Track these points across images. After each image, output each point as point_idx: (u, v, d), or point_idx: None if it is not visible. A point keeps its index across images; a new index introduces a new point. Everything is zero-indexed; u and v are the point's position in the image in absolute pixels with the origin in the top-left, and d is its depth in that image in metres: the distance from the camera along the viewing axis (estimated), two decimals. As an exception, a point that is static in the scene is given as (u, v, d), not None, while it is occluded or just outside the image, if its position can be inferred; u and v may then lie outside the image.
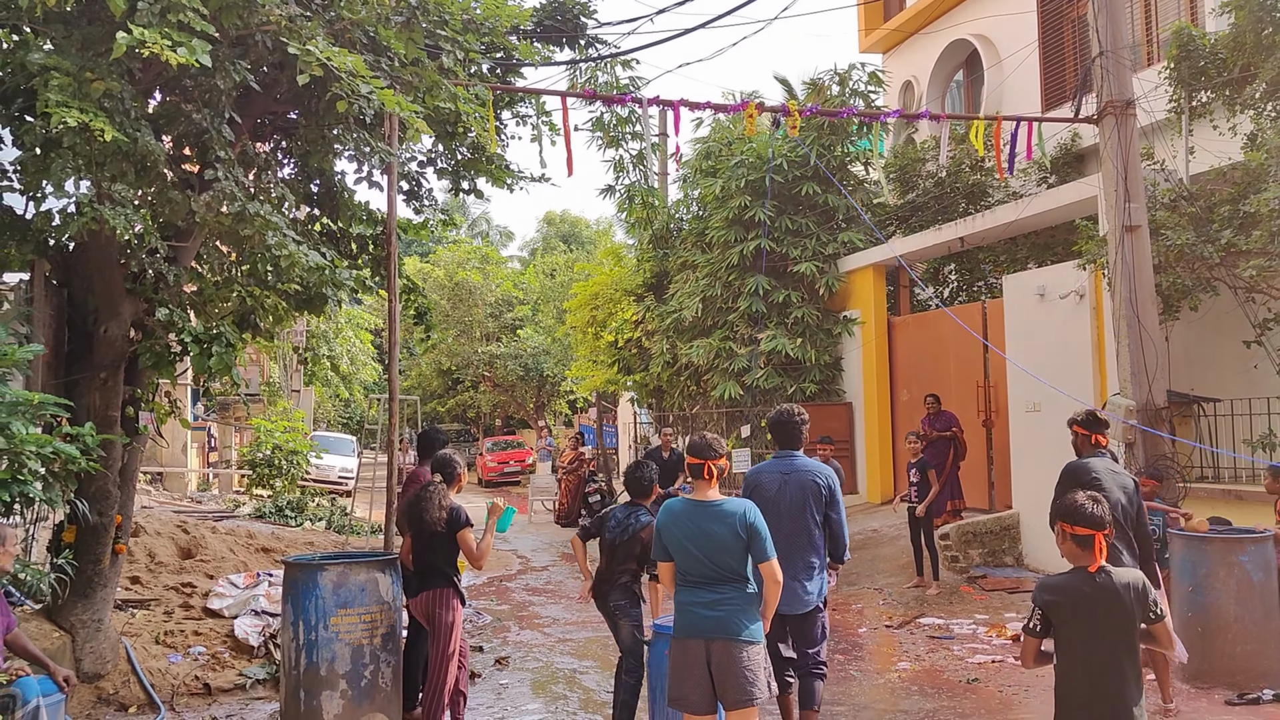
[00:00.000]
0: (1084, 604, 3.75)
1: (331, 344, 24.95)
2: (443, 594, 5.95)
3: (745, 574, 4.53)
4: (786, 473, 5.67)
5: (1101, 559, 3.77)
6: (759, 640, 4.52)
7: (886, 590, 10.68)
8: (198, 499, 18.37)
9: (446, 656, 5.89)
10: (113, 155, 5.44)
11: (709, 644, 4.47)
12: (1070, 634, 3.77)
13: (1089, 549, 3.77)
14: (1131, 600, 3.72)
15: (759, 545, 4.50)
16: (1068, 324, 10.95)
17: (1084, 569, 3.77)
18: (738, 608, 4.49)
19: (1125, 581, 3.75)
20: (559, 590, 12.00)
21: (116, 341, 6.53)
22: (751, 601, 4.53)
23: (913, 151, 16.27)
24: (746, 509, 4.54)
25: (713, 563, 4.49)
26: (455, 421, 42.68)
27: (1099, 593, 3.73)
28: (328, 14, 6.32)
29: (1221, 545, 6.82)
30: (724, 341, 16.04)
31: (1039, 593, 3.85)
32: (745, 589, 4.53)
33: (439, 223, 9.23)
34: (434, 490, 6.00)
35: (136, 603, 8.39)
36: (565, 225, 47.30)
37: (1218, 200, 9.29)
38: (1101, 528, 3.77)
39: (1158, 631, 3.80)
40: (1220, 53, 10.13)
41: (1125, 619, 3.73)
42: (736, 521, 4.49)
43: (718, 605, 4.48)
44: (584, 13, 8.43)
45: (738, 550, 4.49)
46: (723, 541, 4.48)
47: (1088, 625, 3.74)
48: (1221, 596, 6.73)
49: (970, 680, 7.35)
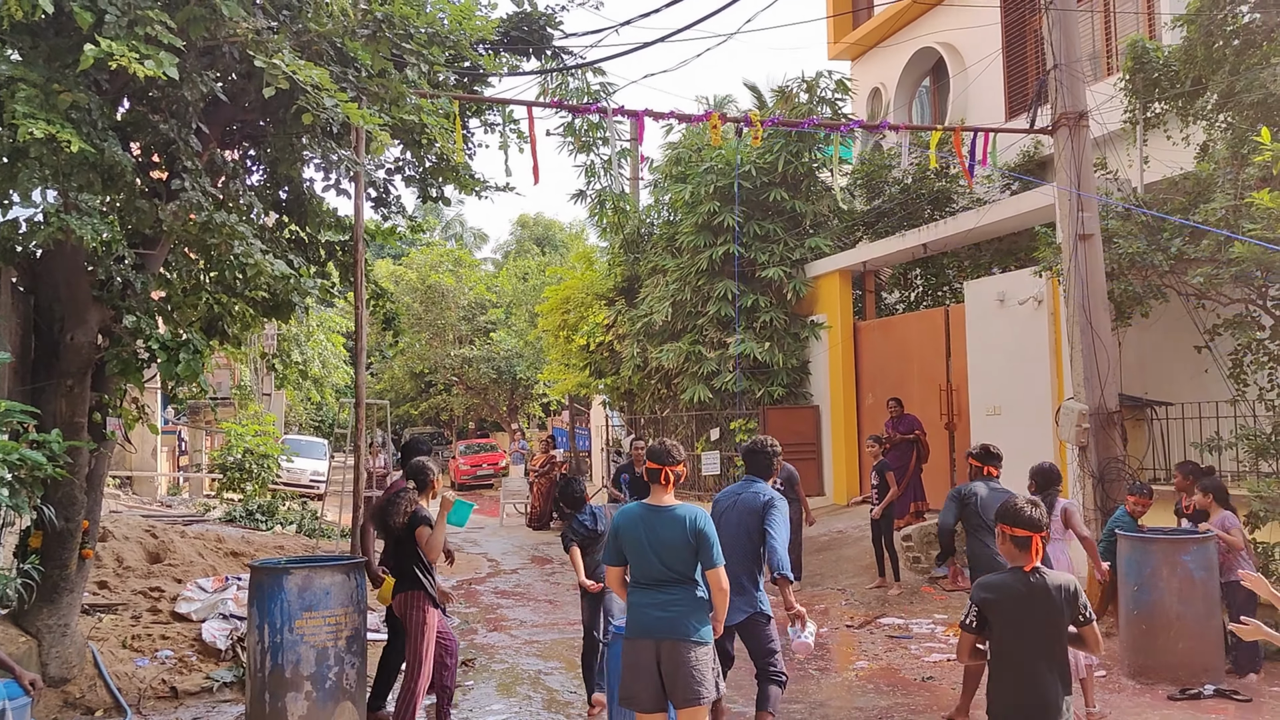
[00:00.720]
0: (1017, 602, 3.91)
1: (303, 347, 24.94)
2: (413, 596, 6.11)
3: (695, 577, 4.68)
4: (740, 493, 5.92)
5: (1037, 559, 3.94)
6: (707, 641, 4.67)
7: (849, 591, 10.87)
8: (168, 503, 18.33)
9: (420, 656, 6.05)
10: (79, 165, 5.51)
11: (659, 644, 4.62)
12: (1003, 631, 3.93)
13: (1026, 550, 3.93)
14: (1062, 601, 3.89)
15: (706, 551, 4.65)
16: (1026, 329, 11.19)
17: (1020, 569, 3.94)
18: (688, 609, 4.64)
19: (1058, 583, 3.92)
20: (528, 593, 12.11)
21: (83, 348, 6.59)
22: (701, 604, 4.68)
23: (880, 158, 16.50)
24: (697, 515, 4.70)
25: (665, 565, 4.64)
26: (428, 424, 42.68)
27: (1032, 592, 3.90)
28: (295, 26, 6.42)
29: (1165, 546, 7.04)
30: (693, 345, 16.23)
31: (976, 590, 4.02)
32: (695, 592, 4.68)
33: (408, 228, 9.34)
34: (403, 496, 6.18)
35: (104, 607, 8.43)
36: (539, 228, 47.35)
37: (1169, 209, 9.54)
38: (1039, 530, 3.94)
39: (1086, 634, 3.95)
40: (1173, 65, 10.39)
41: (1055, 619, 3.89)
42: (687, 527, 4.65)
43: (668, 606, 4.63)
44: (550, 24, 8.56)
45: (687, 554, 4.64)
46: (674, 545, 4.64)
47: (1020, 623, 3.91)
48: (1165, 595, 6.94)
49: (925, 678, 7.53)
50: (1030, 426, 10.87)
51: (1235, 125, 9.44)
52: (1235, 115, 9.51)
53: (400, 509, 6.14)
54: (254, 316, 7.71)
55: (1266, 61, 9.18)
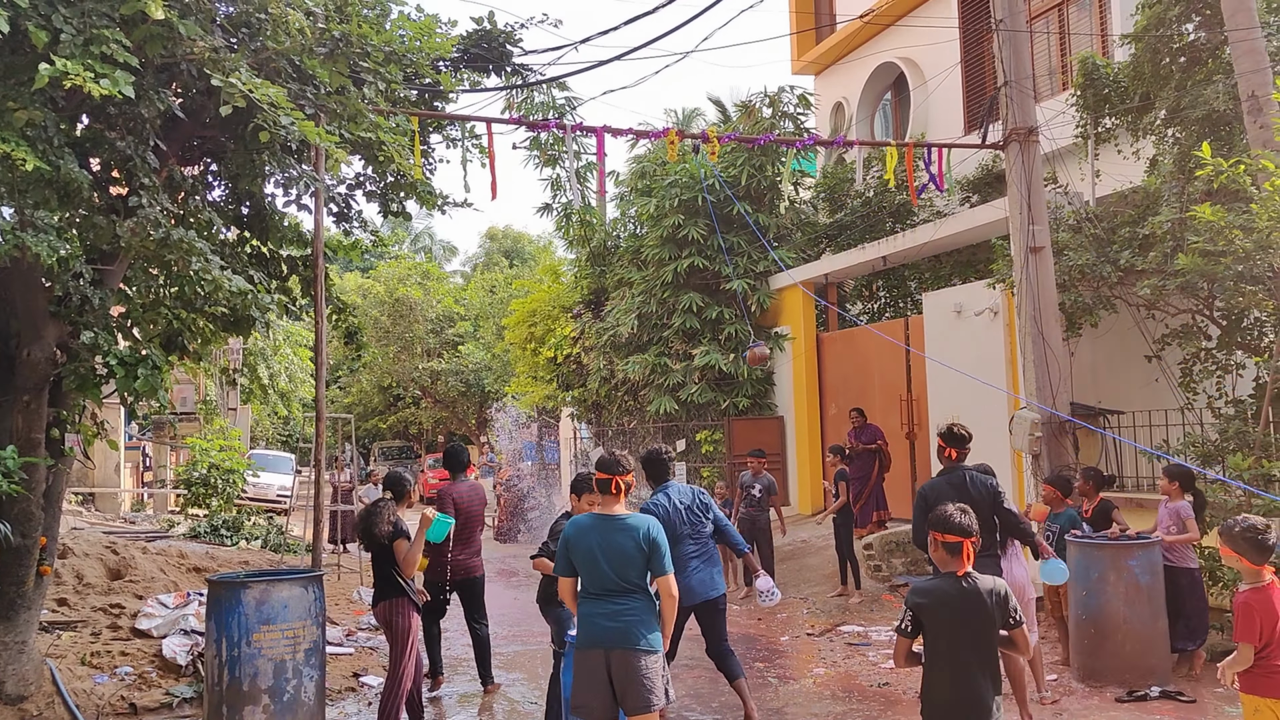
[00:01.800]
0: (950, 607, 4.03)
1: (270, 361, 24.83)
2: (397, 603, 6.33)
3: (645, 586, 4.78)
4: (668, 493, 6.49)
5: (969, 564, 4.07)
6: (657, 649, 4.76)
7: (812, 599, 10.99)
8: (131, 519, 18.19)
9: (404, 660, 6.27)
10: (35, 183, 5.55)
11: (609, 653, 4.71)
12: (936, 635, 4.05)
13: (957, 555, 4.06)
14: (993, 605, 4.01)
15: (658, 559, 4.75)
16: (983, 339, 11.38)
17: (953, 574, 4.07)
18: (637, 618, 4.73)
19: (989, 588, 4.04)
20: (492, 605, 12.11)
21: (40, 364, 6.58)
22: (651, 612, 4.78)
23: (842, 171, 16.72)
24: (650, 524, 4.80)
25: (617, 574, 4.73)
26: (396, 438, 42.51)
27: (964, 596, 4.02)
28: (254, 44, 6.48)
29: (1112, 550, 7.19)
30: (659, 357, 16.34)
31: (910, 595, 4.14)
32: (645, 600, 4.77)
33: (371, 243, 9.39)
34: (383, 506, 6.41)
35: (63, 624, 8.40)
36: (508, 241, 47.40)
37: (1119, 222, 9.76)
38: (969, 535, 4.07)
39: (1016, 637, 4.08)
40: (1122, 81, 10.64)
41: (986, 623, 4.02)
42: (640, 535, 4.75)
43: (619, 616, 4.72)
44: (509, 41, 8.66)
45: (639, 562, 4.74)
46: (627, 553, 4.73)
47: (952, 627, 4.02)
48: (1112, 599, 7.09)
49: (881, 684, 7.65)
50: (987, 435, 11.00)
51: (1181, 141, 9.69)
52: (1182, 130, 9.76)
53: (384, 519, 6.31)
54: (214, 332, 7.74)
55: (1210, 79, 9.44)
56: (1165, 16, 9.86)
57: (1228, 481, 7.44)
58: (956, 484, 6.41)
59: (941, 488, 6.41)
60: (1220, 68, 9.34)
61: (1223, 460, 8.27)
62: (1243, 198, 7.94)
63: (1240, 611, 4.41)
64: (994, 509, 6.37)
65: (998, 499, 6.40)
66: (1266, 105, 8.17)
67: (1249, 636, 4.34)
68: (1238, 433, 8.12)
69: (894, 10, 16.52)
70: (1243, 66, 8.42)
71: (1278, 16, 9.47)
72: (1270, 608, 4.35)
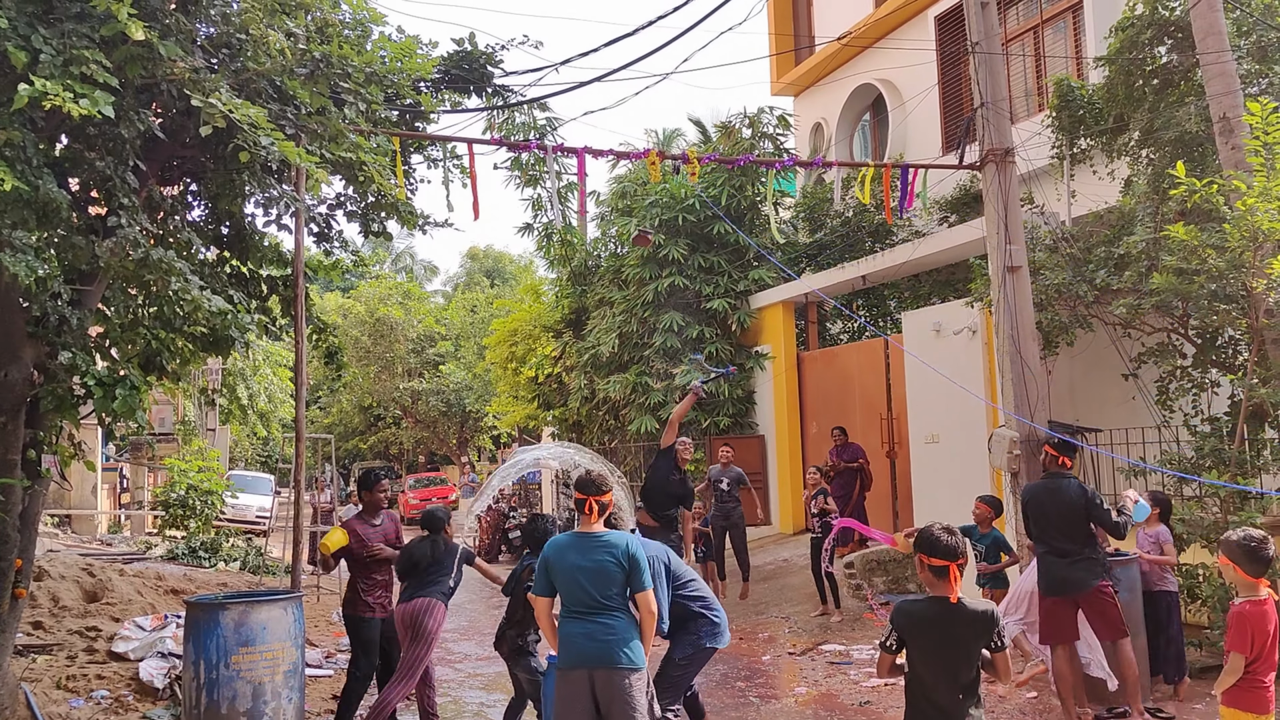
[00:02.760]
0: (934, 628, 4.01)
1: (249, 382, 24.70)
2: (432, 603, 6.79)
3: (626, 604, 4.77)
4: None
5: (957, 588, 4.03)
6: (641, 667, 4.76)
7: (793, 618, 10.99)
8: (108, 541, 18.01)
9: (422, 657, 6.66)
10: (13, 203, 5.51)
11: (592, 673, 4.69)
12: (919, 655, 4.04)
13: (944, 578, 4.02)
14: (978, 629, 3.98)
15: (637, 576, 4.76)
16: (962, 358, 11.45)
17: (940, 597, 4.04)
18: (620, 637, 4.72)
19: (976, 611, 4.00)
20: (472, 627, 12.08)
21: (17, 385, 6.53)
22: (633, 630, 4.77)
23: (822, 191, 16.84)
24: (629, 541, 4.81)
25: (598, 592, 4.72)
26: (378, 458, 42.33)
27: (949, 619, 3.99)
28: (234, 64, 6.49)
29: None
30: (640, 376, 16.36)
31: (895, 615, 4.14)
32: (626, 618, 4.77)
33: (351, 263, 9.39)
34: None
35: (38, 648, 8.30)
36: (489, 260, 47.42)
37: (1095, 242, 9.87)
38: (954, 558, 4.03)
39: (997, 660, 4.02)
40: (1096, 103, 10.79)
41: (969, 646, 3.98)
42: (620, 552, 4.75)
43: (600, 635, 4.71)
44: (490, 62, 8.69)
45: (620, 579, 4.74)
46: (607, 570, 4.73)
47: (936, 648, 4.01)
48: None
49: (862, 703, 7.66)
50: (967, 454, 11.11)
51: (1155, 161, 9.82)
52: (1155, 151, 9.90)
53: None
54: (193, 352, 7.70)
55: (1182, 101, 9.59)
56: (1138, 40, 10.01)
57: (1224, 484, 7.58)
58: (1052, 489, 6.82)
59: (1038, 491, 6.94)
60: (1192, 90, 9.48)
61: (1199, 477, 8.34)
62: (1216, 217, 8.05)
63: (1233, 621, 4.41)
64: (1088, 513, 6.65)
65: (1091, 503, 6.68)
66: (1238, 127, 8.29)
67: (1240, 646, 4.34)
68: (1214, 450, 8.20)
69: (872, 33, 16.70)
70: (1214, 89, 8.56)
71: (1248, 40, 9.63)
72: (1262, 623, 4.35)
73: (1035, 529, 6.94)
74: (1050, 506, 6.80)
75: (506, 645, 6.48)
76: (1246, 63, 9.44)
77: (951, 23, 15.02)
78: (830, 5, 18.78)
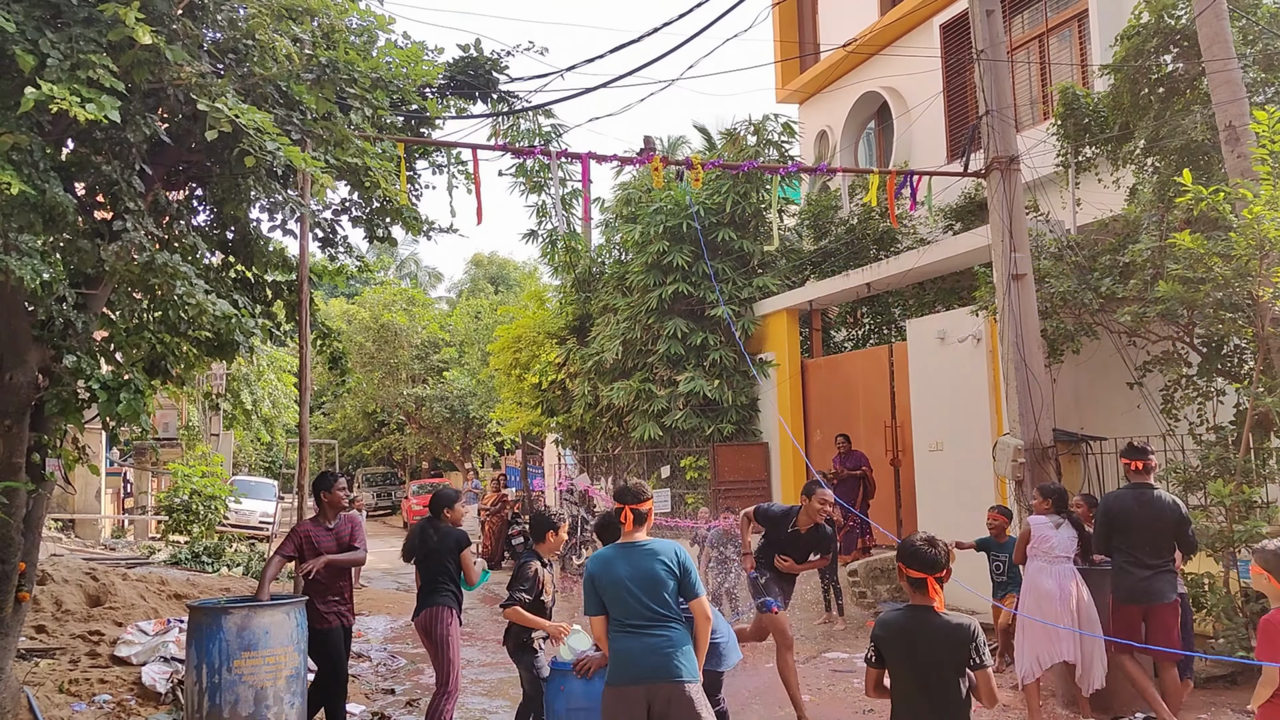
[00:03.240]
0: (911, 641, 3.96)
1: (253, 387, 24.72)
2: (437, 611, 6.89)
3: (679, 613, 4.60)
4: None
5: (938, 599, 3.99)
6: (698, 678, 4.58)
7: (796, 625, 10.94)
8: (111, 546, 18.04)
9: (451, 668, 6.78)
10: (20, 206, 5.53)
11: (650, 688, 4.48)
12: (898, 668, 4.00)
13: (922, 591, 3.99)
14: (956, 644, 3.90)
15: (689, 582, 4.61)
16: (966, 366, 11.44)
17: (919, 607, 4.00)
18: (676, 648, 4.54)
19: (955, 624, 3.93)
20: (475, 632, 12.06)
21: (22, 389, 6.54)
22: (688, 640, 4.61)
23: (827, 199, 16.83)
24: (676, 548, 4.67)
25: (651, 602, 4.55)
26: (381, 464, 42.33)
27: (927, 631, 3.94)
28: (241, 70, 6.51)
29: (1095, 577, 7.21)
30: (644, 383, 16.35)
31: (875, 627, 4.10)
32: (681, 629, 4.59)
33: (356, 268, 9.40)
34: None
35: (41, 652, 8.30)
36: (493, 267, 47.41)
37: (1100, 250, 9.86)
38: (935, 570, 3.97)
39: (978, 678, 3.94)
40: (1101, 111, 10.79)
41: (948, 660, 3.91)
42: (670, 559, 4.61)
43: (662, 648, 4.52)
44: (495, 68, 8.71)
45: (672, 587, 4.58)
46: (659, 579, 4.56)
47: (913, 661, 3.96)
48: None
49: (866, 710, 7.63)
50: (971, 461, 11.09)
51: (1160, 170, 9.81)
52: (1161, 160, 9.89)
53: None
54: (198, 356, 7.71)
55: (1188, 109, 9.58)
56: (1144, 48, 10.01)
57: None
58: (1143, 500, 6.70)
59: (1126, 500, 6.77)
60: (1198, 98, 9.48)
61: (1204, 486, 8.32)
62: (1221, 226, 8.04)
63: (1264, 631, 4.30)
64: (1178, 528, 6.61)
65: (1185, 520, 6.66)
66: (1243, 135, 8.29)
67: (1274, 655, 4.21)
68: (1219, 459, 8.18)
69: (877, 40, 16.71)
70: (1220, 97, 8.55)
71: (1254, 48, 9.63)
72: None
73: (1118, 538, 6.74)
74: (1140, 516, 6.64)
75: (512, 640, 6.43)
76: (1252, 71, 9.44)
77: (957, 31, 15.04)
78: (836, 13, 18.81)
